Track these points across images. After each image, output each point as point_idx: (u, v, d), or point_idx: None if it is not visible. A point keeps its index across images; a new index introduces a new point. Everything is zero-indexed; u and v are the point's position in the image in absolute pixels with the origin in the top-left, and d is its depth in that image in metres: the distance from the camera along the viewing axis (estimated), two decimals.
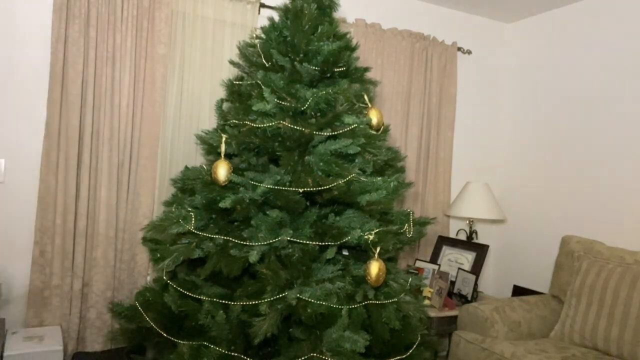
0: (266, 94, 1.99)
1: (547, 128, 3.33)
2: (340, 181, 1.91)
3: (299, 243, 1.89)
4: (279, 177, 1.95)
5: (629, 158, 2.82)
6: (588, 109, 3.07)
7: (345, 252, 2.12)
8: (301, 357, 1.81)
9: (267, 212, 1.94)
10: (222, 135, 2.06)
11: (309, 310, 1.77)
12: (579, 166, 3.09)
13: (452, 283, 3.27)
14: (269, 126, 1.96)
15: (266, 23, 2.26)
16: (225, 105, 2.35)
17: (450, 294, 3.17)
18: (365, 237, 1.89)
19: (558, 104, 3.27)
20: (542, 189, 3.32)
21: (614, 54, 2.94)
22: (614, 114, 2.92)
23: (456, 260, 3.27)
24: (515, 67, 3.64)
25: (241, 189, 1.98)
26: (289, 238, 1.87)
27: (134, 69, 2.55)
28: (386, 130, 2.24)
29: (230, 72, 2.69)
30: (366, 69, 2.28)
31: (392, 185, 1.99)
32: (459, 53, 3.48)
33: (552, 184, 3.26)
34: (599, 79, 3.02)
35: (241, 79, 2.29)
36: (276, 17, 2.26)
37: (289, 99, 2.02)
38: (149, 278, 2.64)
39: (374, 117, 2.13)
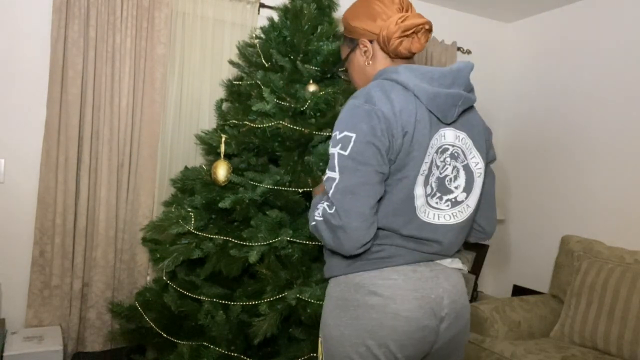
0: (266, 94, 1.99)
1: (547, 128, 3.33)
2: None
3: (299, 243, 1.89)
4: (278, 177, 1.95)
5: (629, 158, 2.81)
6: (588, 108, 3.07)
7: None
8: (301, 357, 1.81)
9: (267, 212, 1.94)
10: (222, 135, 2.06)
11: (308, 311, 1.77)
12: (579, 166, 3.08)
13: None
14: (269, 126, 1.96)
15: (266, 23, 2.26)
16: (224, 106, 2.35)
17: None
18: None
19: (558, 103, 3.27)
20: (542, 189, 3.32)
21: (614, 54, 2.94)
22: (614, 113, 2.92)
23: None
24: (515, 67, 3.64)
25: (241, 189, 1.98)
26: (288, 238, 1.87)
27: (133, 69, 2.55)
28: None
29: (230, 72, 2.69)
30: None
31: None
32: (459, 53, 3.47)
33: (552, 184, 3.25)
34: (598, 78, 3.02)
35: (241, 79, 2.29)
36: (276, 17, 2.25)
37: (288, 99, 2.02)
38: (149, 278, 2.63)
39: None
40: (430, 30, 1.23)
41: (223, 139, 2.04)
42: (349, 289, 1.18)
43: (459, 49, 3.45)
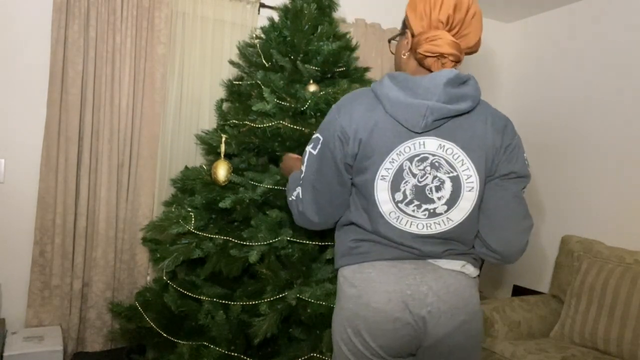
0: (266, 94, 1.99)
1: (547, 128, 3.33)
2: None
3: (299, 243, 1.89)
4: (278, 177, 1.95)
5: (629, 158, 2.81)
6: (588, 108, 3.07)
7: None
8: (301, 357, 1.81)
9: (267, 212, 1.94)
10: (222, 135, 2.06)
11: (308, 311, 1.77)
12: (579, 166, 3.08)
13: None
14: (269, 126, 1.97)
15: (266, 23, 2.26)
16: (225, 105, 2.35)
17: None
18: None
19: (558, 103, 3.27)
20: (542, 189, 3.32)
21: (614, 54, 2.94)
22: (614, 113, 2.92)
23: None
24: (515, 67, 3.64)
25: (241, 189, 1.98)
26: (288, 238, 1.87)
27: (133, 69, 2.55)
28: None
29: (230, 72, 2.68)
30: (366, 69, 2.28)
31: None
32: None
33: (552, 184, 3.25)
34: (599, 79, 3.02)
35: (241, 79, 2.29)
36: (276, 17, 2.25)
37: (288, 99, 2.02)
38: (149, 278, 2.63)
39: None
40: (458, 62, 1.20)
41: (223, 139, 2.04)
42: (340, 281, 1.30)
43: None
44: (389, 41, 1.46)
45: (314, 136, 1.29)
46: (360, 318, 1.21)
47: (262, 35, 2.22)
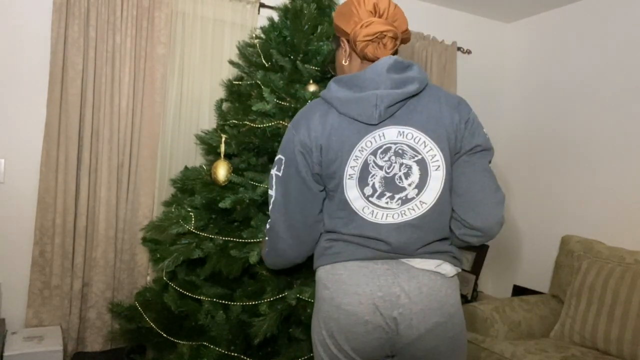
0: (266, 94, 1.99)
1: (547, 128, 3.33)
2: None
3: None
4: None
5: (629, 157, 2.82)
6: (588, 108, 3.07)
7: None
8: (301, 357, 1.81)
9: (267, 212, 1.94)
10: (222, 135, 2.06)
11: (308, 311, 1.77)
12: (579, 166, 3.08)
13: None
14: (269, 126, 1.97)
15: (266, 23, 2.26)
16: (224, 105, 2.35)
17: None
18: None
19: (558, 103, 3.27)
20: (542, 189, 3.32)
21: (614, 54, 2.94)
22: (614, 113, 2.92)
23: None
24: (514, 67, 3.64)
25: (241, 189, 1.98)
26: None
27: (133, 69, 2.55)
28: None
29: (230, 72, 2.68)
30: None
31: None
32: (459, 53, 3.47)
33: (552, 184, 3.25)
34: (598, 78, 3.02)
35: (241, 79, 2.29)
36: (276, 17, 2.25)
37: (288, 99, 2.02)
38: (149, 278, 2.63)
39: None
40: (396, 38, 1.25)
41: (223, 139, 2.04)
42: (316, 282, 1.31)
43: (459, 49, 3.45)
44: (328, 66, 1.50)
45: (276, 158, 1.30)
46: (333, 320, 1.21)
47: (262, 35, 2.22)
